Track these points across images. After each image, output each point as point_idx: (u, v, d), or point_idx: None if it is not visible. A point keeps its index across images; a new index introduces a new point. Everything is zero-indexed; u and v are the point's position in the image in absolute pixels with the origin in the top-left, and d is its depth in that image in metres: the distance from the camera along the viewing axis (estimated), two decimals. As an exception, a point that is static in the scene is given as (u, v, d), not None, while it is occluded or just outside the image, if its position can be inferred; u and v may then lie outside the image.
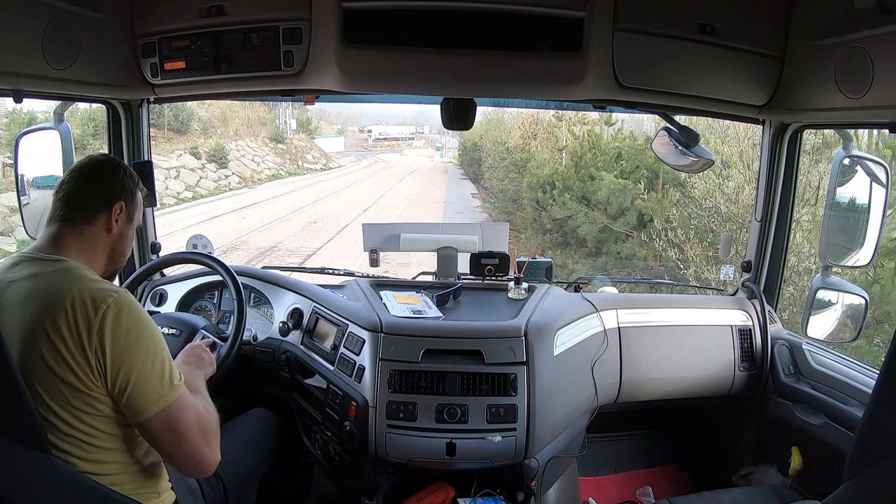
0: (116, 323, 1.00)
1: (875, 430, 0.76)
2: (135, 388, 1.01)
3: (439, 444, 1.44)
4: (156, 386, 1.03)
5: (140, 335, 1.02)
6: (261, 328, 1.77)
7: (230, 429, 1.51)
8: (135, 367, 1.01)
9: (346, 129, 26.98)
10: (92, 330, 0.98)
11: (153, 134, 2.00)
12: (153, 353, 1.03)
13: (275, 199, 14.42)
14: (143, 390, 1.01)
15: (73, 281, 1.02)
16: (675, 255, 6.66)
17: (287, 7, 1.42)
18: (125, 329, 1.00)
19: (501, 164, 11.49)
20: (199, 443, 1.08)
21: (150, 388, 1.02)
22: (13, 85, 1.27)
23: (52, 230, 1.10)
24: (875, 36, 1.20)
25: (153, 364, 1.03)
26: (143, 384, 1.01)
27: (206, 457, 1.09)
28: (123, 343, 1.00)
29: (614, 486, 2.10)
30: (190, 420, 1.07)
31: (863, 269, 4.26)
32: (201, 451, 1.08)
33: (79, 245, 1.10)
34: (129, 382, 1.01)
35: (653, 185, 7.76)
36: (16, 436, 0.85)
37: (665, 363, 1.77)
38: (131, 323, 1.01)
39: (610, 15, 1.38)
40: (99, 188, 1.14)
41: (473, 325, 1.59)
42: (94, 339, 0.98)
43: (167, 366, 1.05)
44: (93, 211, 1.12)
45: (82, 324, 0.98)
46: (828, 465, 1.62)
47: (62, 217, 1.11)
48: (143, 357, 1.02)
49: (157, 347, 1.05)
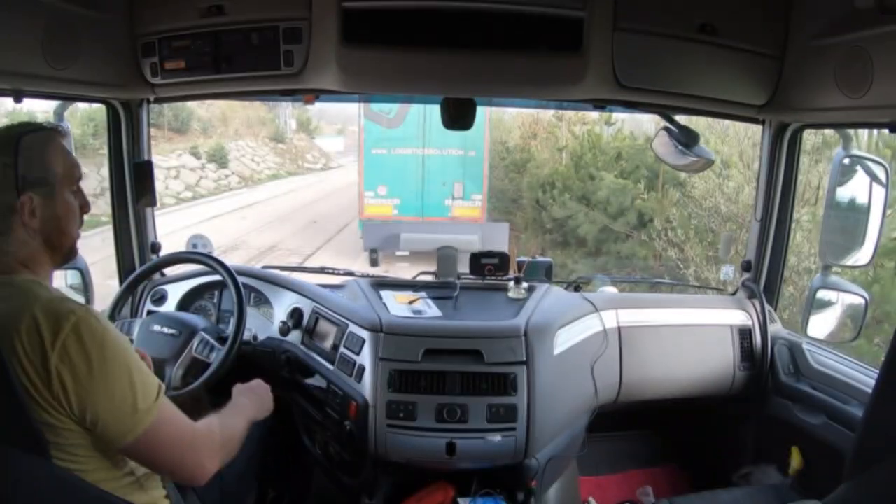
0: (75, 353, 0.91)
1: (875, 430, 0.76)
2: (105, 422, 0.94)
3: (439, 443, 1.44)
4: (128, 416, 0.95)
5: (103, 364, 0.93)
6: (261, 328, 1.77)
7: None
8: (101, 402, 0.93)
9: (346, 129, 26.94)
10: (49, 367, 0.90)
11: (153, 134, 1.99)
12: (120, 382, 0.95)
13: (275, 198, 14.41)
14: (113, 423, 0.95)
15: (24, 307, 0.92)
16: (675, 254, 6.65)
17: (287, 7, 1.42)
18: (88, 357, 0.92)
19: (501, 163, 11.48)
20: (186, 457, 1.03)
21: (121, 419, 0.95)
22: (13, 85, 1.26)
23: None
24: (875, 36, 1.20)
25: (122, 395, 0.95)
26: (112, 417, 0.94)
27: (196, 469, 1.04)
28: (86, 378, 0.92)
29: (614, 485, 2.10)
30: (171, 438, 1.01)
31: (863, 269, 4.25)
32: (188, 465, 1.04)
33: (14, 255, 0.98)
34: (97, 417, 0.93)
35: (653, 184, 7.75)
36: (14, 441, 0.85)
37: (665, 363, 1.77)
38: (93, 349, 0.92)
39: (610, 15, 1.38)
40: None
41: (473, 324, 1.60)
42: (53, 379, 0.90)
43: (138, 389, 0.96)
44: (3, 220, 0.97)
45: (39, 360, 0.90)
46: (828, 465, 1.61)
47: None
48: (110, 389, 0.94)
49: (124, 372, 0.96)
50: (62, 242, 1.05)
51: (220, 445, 1.10)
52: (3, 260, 0.98)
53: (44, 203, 1.00)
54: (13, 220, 0.97)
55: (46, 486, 0.88)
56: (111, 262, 1.91)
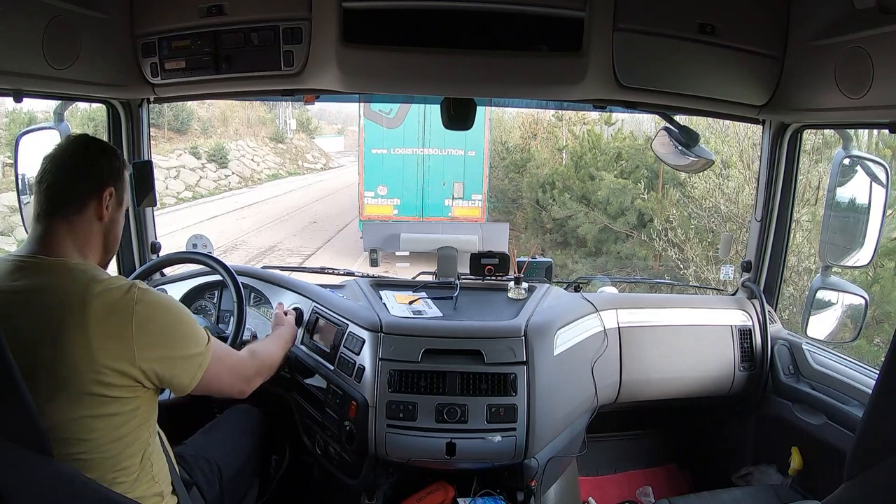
0: (148, 319, 1.02)
1: (875, 430, 0.76)
2: (173, 376, 1.07)
3: (439, 443, 1.44)
4: (192, 360, 1.09)
5: (167, 326, 1.05)
6: (260, 328, 1.77)
7: (212, 429, 1.54)
8: (169, 359, 1.05)
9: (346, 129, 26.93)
10: (129, 335, 1.00)
11: (153, 134, 2.00)
12: (184, 332, 1.08)
13: (274, 198, 14.41)
14: (180, 375, 1.08)
15: (87, 285, 1.00)
16: (675, 254, 6.66)
17: (287, 7, 1.42)
18: (156, 321, 1.03)
19: (501, 163, 11.48)
20: (235, 382, 1.24)
21: (188, 364, 1.08)
22: (13, 85, 1.26)
23: (43, 227, 1.05)
24: (875, 36, 1.20)
25: (186, 343, 1.08)
26: (179, 370, 1.07)
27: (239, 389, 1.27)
28: (159, 337, 1.04)
29: (614, 485, 2.10)
30: (222, 372, 1.17)
31: (863, 269, 4.26)
32: (236, 387, 1.25)
33: (73, 240, 1.06)
34: (167, 374, 1.06)
35: (653, 184, 7.75)
36: (17, 438, 0.85)
37: (665, 363, 1.77)
38: (159, 313, 1.04)
39: (610, 15, 1.38)
40: (85, 175, 1.08)
41: (473, 324, 1.59)
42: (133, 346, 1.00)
43: (196, 335, 1.10)
44: (82, 201, 1.07)
45: (118, 332, 0.99)
46: (828, 465, 1.62)
47: (49, 212, 1.06)
48: (178, 340, 1.07)
49: (184, 322, 1.09)
50: (113, 246, 1.16)
51: (259, 368, 1.33)
52: (63, 243, 1.05)
53: (115, 205, 1.12)
54: (90, 205, 1.08)
55: (47, 483, 0.88)
56: (111, 262, 1.90)
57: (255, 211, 12.66)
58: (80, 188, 1.08)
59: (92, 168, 1.09)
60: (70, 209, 1.06)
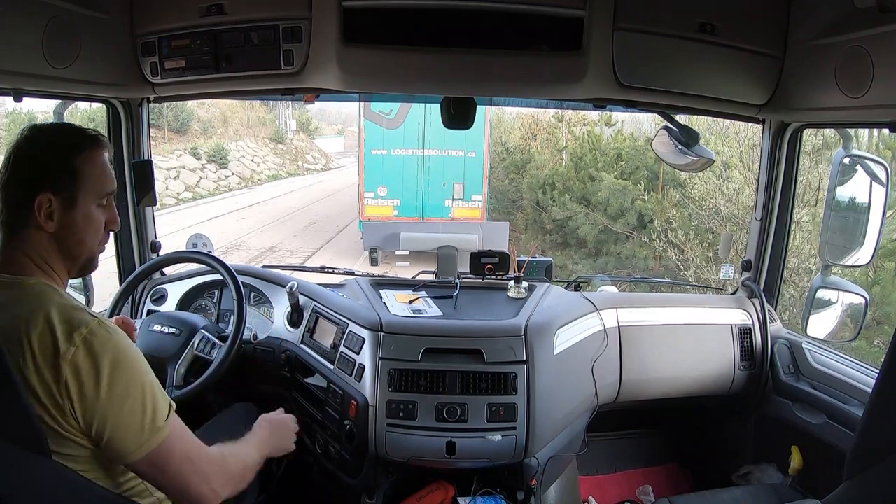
0: (86, 369, 0.89)
1: (875, 430, 0.76)
2: (113, 436, 0.91)
3: (439, 443, 1.43)
4: (136, 432, 0.93)
5: (116, 378, 0.91)
6: (261, 327, 1.77)
7: (212, 426, 1.50)
8: (109, 417, 0.90)
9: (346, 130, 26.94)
10: (60, 377, 0.88)
11: (153, 134, 2.00)
12: (132, 397, 0.92)
13: (275, 199, 14.41)
14: (122, 438, 0.92)
15: (37, 313, 0.90)
16: (676, 255, 6.66)
17: (287, 6, 1.42)
18: (97, 373, 0.89)
19: (501, 164, 11.49)
20: (192, 481, 0.99)
21: (130, 436, 0.92)
22: (13, 84, 1.27)
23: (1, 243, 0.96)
24: (875, 36, 1.20)
25: (131, 412, 0.92)
26: (122, 432, 0.92)
27: (203, 495, 1.00)
28: (93, 393, 0.89)
29: (614, 485, 2.10)
30: (179, 460, 0.97)
31: (863, 270, 4.26)
32: (194, 489, 0.99)
33: (26, 253, 0.96)
34: (104, 432, 0.91)
35: (653, 185, 7.76)
36: (15, 439, 0.85)
37: (665, 362, 1.77)
38: (104, 364, 0.90)
39: (610, 14, 1.38)
40: (16, 181, 0.95)
41: (473, 324, 1.59)
42: (62, 388, 0.88)
43: (149, 407, 0.94)
44: (16, 212, 0.95)
45: (48, 368, 0.88)
46: (828, 465, 1.61)
47: (3, 226, 0.96)
48: (119, 405, 0.91)
49: (137, 388, 0.93)
50: (78, 253, 1.01)
51: (230, 474, 1.07)
52: (16, 257, 0.96)
53: (62, 208, 0.96)
54: (29, 217, 0.95)
55: (47, 484, 0.88)
56: (111, 261, 1.91)
57: (256, 211, 12.67)
58: (10, 199, 0.95)
59: (19, 175, 0.95)
60: (12, 227, 0.96)
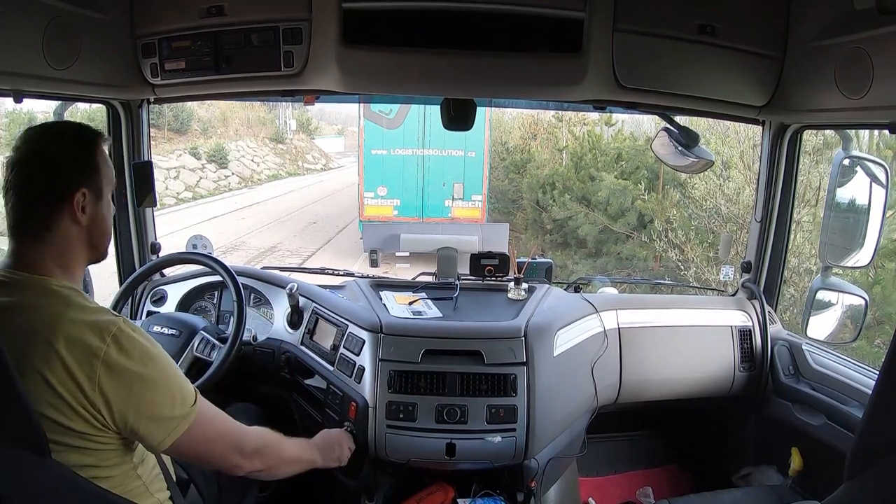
0: (119, 366, 0.93)
1: (875, 431, 0.76)
2: (145, 428, 0.97)
3: (439, 444, 1.43)
4: (167, 421, 0.98)
5: (146, 372, 0.95)
6: (260, 328, 1.77)
7: None
8: (142, 409, 0.95)
9: (346, 130, 26.94)
10: (94, 375, 0.91)
11: (153, 134, 2.00)
12: (163, 388, 0.97)
13: (274, 199, 14.41)
14: (154, 428, 0.97)
15: (63, 315, 0.92)
16: (676, 255, 6.66)
17: (287, 7, 1.42)
18: (128, 370, 0.94)
19: (501, 164, 11.48)
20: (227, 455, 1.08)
21: (161, 425, 0.98)
22: (13, 85, 1.26)
23: (17, 244, 0.97)
24: (874, 37, 1.20)
25: (161, 401, 0.97)
26: (155, 423, 0.97)
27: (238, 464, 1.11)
28: (127, 388, 0.94)
29: (614, 486, 2.10)
30: (212, 439, 1.05)
31: (863, 271, 4.26)
32: (230, 461, 1.09)
33: (50, 254, 0.97)
34: (138, 424, 0.96)
35: (653, 185, 7.75)
36: (15, 439, 0.85)
37: (665, 364, 1.77)
38: (135, 360, 0.94)
39: (610, 15, 1.38)
40: (49, 183, 0.96)
41: (473, 325, 1.59)
42: (95, 386, 0.91)
43: (178, 396, 0.99)
44: (49, 217, 0.97)
45: (80, 369, 0.91)
46: (828, 466, 1.61)
47: (21, 229, 0.97)
48: (151, 396, 0.96)
49: (165, 378, 0.98)
50: (101, 242, 1.06)
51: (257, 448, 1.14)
52: (40, 259, 0.97)
53: (93, 201, 1.01)
54: (62, 214, 0.98)
55: (46, 484, 0.88)
56: (111, 262, 1.91)
57: (255, 211, 12.66)
58: (44, 204, 0.97)
59: (55, 172, 0.97)
60: (39, 227, 0.97)
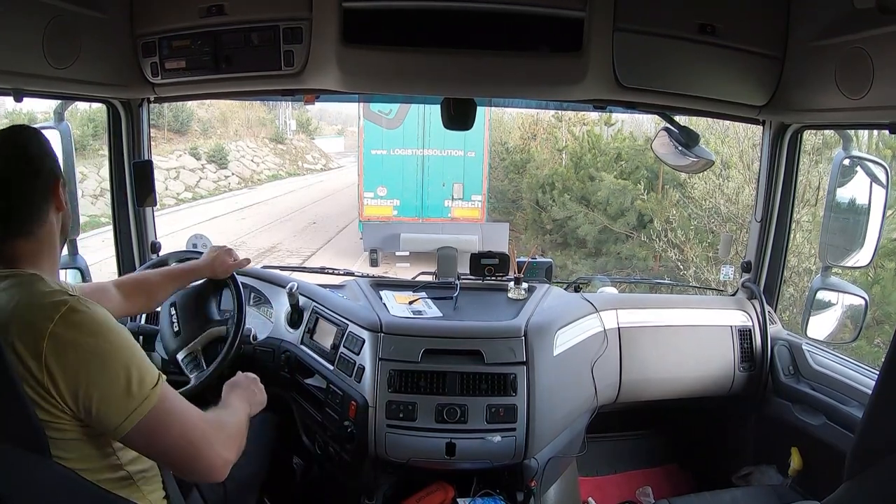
0: (65, 339, 0.89)
1: (875, 430, 0.76)
2: (98, 409, 0.90)
3: (439, 443, 1.44)
4: (122, 401, 0.91)
5: (96, 346, 0.91)
6: (260, 328, 1.76)
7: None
8: (92, 382, 0.90)
9: (346, 130, 26.95)
10: (40, 354, 0.88)
11: (153, 134, 2.00)
12: (115, 365, 0.91)
13: (274, 199, 14.41)
14: (107, 410, 0.91)
15: (19, 301, 0.91)
16: (675, 255, 6.66)
17: (287, 7, 1.43)
18: (75, 342, 0.89)
19: (501, 164, 11.49)
20: (200, 450, 0.98)
21: (117, 404, 0.91)
22: (13, 84, 1.27)
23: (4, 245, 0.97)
24: (875, 36, 1.20)
25: (114, 380, 0.91)
26: (106, 404, 0.90)
27: (213, 461, 0.99)
28: (75, 361, 0.89)
29: (614, 486, 2.10)
30: (176, 429, 0.96)
31: (863, 270, 4.26)
32: (203, 458, 0.98)
33: (34, 247, 0.99)
34: (90, 404, 0.90)
35: (653, 185, 7.76)
36: (15, 439, 0.85)
37: (665, 363, 1.77)
38: (84, 334, 0.90)
39: (610, 15, 1.38)
40: (39, 177, 0.99)
41: (473, 325, 1.59)
42: (42, 366, 0.88)
43: (134, 375, 0.92)
44: (42, 213, 0.99)
45: (28, 352, 0.88)
46: (827, 466, 1.61)
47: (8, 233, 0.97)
48: (102, 370, 0.90)
49: (119, 356, 0.92)
50: (68, 226, 1.09)
51: (231, 435, 1.06)
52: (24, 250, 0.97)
53: (64, 188, 1.04)
54: (49, 205, 1.00)
55: (46, 484, 0.88)
56: (111, 262, 1.91)
57: (255, 212, 12.66)
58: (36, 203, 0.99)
59: (40, 171, 0.99)
60: (31, 225, 0.98)
